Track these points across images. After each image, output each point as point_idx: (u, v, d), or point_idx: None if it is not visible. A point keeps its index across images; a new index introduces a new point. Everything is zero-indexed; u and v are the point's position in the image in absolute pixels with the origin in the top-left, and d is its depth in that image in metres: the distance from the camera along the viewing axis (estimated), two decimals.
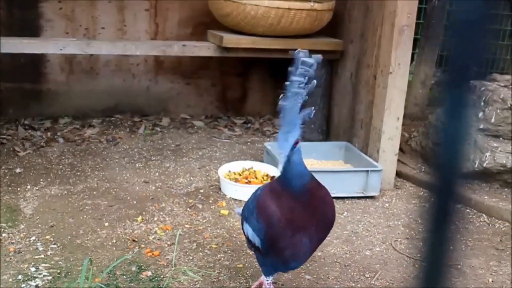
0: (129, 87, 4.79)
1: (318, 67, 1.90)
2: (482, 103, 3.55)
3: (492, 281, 2.62)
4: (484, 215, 3.31)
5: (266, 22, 3.90)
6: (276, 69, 4.90)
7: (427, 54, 4.96)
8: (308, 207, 1.93)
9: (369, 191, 3.42)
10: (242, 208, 2.25)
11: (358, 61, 3.90)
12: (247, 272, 2.54)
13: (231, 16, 3.98)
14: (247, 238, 2.13)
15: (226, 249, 2.74)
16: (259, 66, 4.95)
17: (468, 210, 3.35)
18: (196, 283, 2.43)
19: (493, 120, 3.52)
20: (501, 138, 3.52)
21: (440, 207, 0.59)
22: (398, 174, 3.72)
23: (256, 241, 2.04)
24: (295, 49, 1.92)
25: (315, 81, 1.88)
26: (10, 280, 2.37)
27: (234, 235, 2.88)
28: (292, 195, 1.92)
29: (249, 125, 4.85)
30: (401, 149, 3.78)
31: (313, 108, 1.88)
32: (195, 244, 2.78)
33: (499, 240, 3.05)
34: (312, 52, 1.92)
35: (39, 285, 2.35)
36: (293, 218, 1.92)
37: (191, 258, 2.65)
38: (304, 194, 1.92)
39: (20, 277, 2.39)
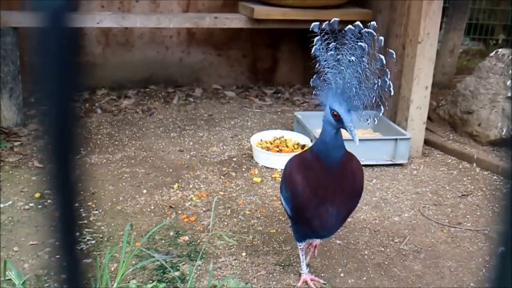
0: (163, 59, 4.90)
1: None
2: (511, 71, 3.57)
3: None
4: None
5: None
6: (305, 40, 4.96)
7: (455, 23, 4.96)
8: (338, 179, 1.97)
9: (397, 158, 3.48)
10: None
11: (386, 30, 3.94)
12: (280, 237, 2.65)
13: None
14: (283, 207, 2.22)
15: (259, 215, 2.85)
16: (288, 37, 5.00)
17: (495, 177, 3.41)
18: (232, 247, 2.55)
19: None
20: None
21: None
22: (426, 142, 3.77)
23: (287, 209, 2.13)
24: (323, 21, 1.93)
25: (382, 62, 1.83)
26: (57, 243, 2.51)
27: (267, 202, 2.99)
28: (324, 167, 1.95)
29: (279, 94, 4.92)
30: (429, 118, 3.83)
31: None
32: (229, 211, 2.89)
33: None
34: (341, 22, 1.95)
35: (84, 248, 2.48)
36: (318, 190, 1.97)
37: (225, 223, 2.76)
38: (338, 165, 1.95)
39: None
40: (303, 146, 3.57)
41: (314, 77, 1.97)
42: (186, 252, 2.48)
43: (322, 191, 1.97)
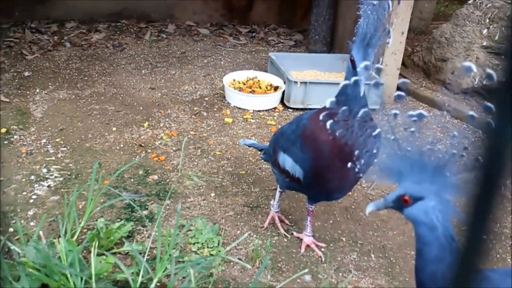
0: None
1: None
2: (487, 20, 3.55)
3: None
4: None
5: None
6: None
7: None
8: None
9: (370, 104, 3.44)
10: (272, 139, 2.22)
11: None
12: (249, 179, 2.66)
13: None
14: (283, 169, 2.07)
15: (229, 156, 2.85)
16: None
17: (464, 126, 3.44)
18: (201, 187, 2.55)
19: (496, 38, 3.54)
20: (503, 56, 3.55)
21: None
22: (399, 88, 3.75)
23: (297, 172, 1.98)
24: None
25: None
26: (24, 180, 2.48)
27: (237, 143, 2.98)
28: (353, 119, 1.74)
29: (254, 34, 4.85)
30: (403, 63, 3.81)
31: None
32: (199, 151, 2.88)
33: None
34: None
35: (51, 185, 2.47)
36: (345, 147, 1.77)
37: (195, 163, 2.76)
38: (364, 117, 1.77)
39: (32, 177, 2.51)
40: (276, 88, 3.54)
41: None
42: (155, 191, 2.49)
43: (350, 149, 1.88)
